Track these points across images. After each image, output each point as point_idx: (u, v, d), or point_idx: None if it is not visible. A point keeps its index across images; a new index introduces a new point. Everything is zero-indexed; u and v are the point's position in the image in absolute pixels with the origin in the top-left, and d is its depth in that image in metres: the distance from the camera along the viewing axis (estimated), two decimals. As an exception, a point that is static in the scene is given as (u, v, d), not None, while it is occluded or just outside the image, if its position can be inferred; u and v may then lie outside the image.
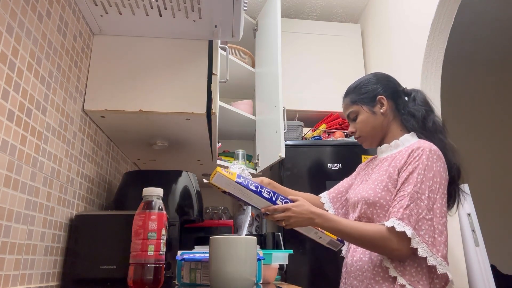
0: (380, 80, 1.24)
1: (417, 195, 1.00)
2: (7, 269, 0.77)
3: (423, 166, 1.02)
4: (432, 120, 1.14)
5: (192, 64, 1.24)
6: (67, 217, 1.04)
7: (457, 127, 3.30)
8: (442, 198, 1.01)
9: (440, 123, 1.15)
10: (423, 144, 1.07)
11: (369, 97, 1.21)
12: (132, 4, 1.10)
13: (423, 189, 1.00)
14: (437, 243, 0.97)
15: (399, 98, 1.22)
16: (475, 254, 1.59)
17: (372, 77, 1.26)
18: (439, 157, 1.05)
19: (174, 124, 1.28)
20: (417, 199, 0.99)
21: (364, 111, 1.21)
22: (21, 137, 0.81)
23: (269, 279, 1.20)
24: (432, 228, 0.98)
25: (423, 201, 0.99)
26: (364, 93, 1.22)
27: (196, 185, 1.35)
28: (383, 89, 1.22)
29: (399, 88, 1.25)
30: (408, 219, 0.97)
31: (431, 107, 1.19)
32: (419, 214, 0.98)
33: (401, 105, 1.21)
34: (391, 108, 1.21)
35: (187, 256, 0.97)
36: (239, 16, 1.15)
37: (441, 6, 1.71)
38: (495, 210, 3.14)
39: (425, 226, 0.97)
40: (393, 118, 1.21)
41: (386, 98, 1.20)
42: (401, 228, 0.96)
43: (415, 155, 1.05)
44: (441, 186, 1.02)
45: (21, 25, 0.81)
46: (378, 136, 1.21)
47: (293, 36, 2.52)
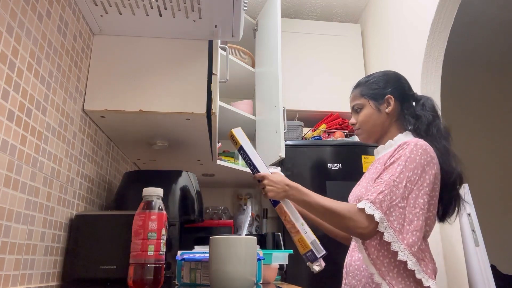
0: (392, 80, 1.25)
1: (393, 183, 1.01)
2: (7, 269, 0.77)
3: (405, 158, 1.04)
4: (437, 126, 1.15)
5: (192, 64, 1.24)
6: (67, 217, 1.04)
7: (457, 127, 3.29)
8: (420, 190, 1.02)
9: (444, 131, 1.16)
10: (410, 140, 1.09)
11: (379, 94, 1.22)
12: (132, 4, 1.10)
13: (401, 178, 1.01)
14: (404, 231, 0.98)
15: (406, 102, 1.23)
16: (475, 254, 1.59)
17: (385, 75, 1.26)
18: (425, 151, 1.05)
19: (174, 124, 1.28)
20: (392, 187, 1.01)
21: (370, 106, 1.22)
22: (21, 137, 0.81)
23: (269, 279, 1.20)
24: (403, 216, 0.99)
25: (398, 189, 1.00)
26: (375, 88, 1.23)
27: (196, 185, 1.35)
28: (393, 89, 1.22)
29: (409, 92, 1.25)
30: (380, 203, 0.99)
31: (438, 114, 1.19)
32: (392, 200, 0.99)
33: (407, 109, 1.21)
34: (396, 110, 1.21)
35: (187, 256, 0.97)
36: (239, 16, 1.15)
37: (441, 6, 1.71)
38: (495, 210, 3.14)
39: (396, 213, 0.99)
40: (396, 120, 1.22)
41: (395, 99, 1.21)
42: (371, 211, 0.98)
43: (399, 149, 1.08)
44: (421, 178, 1.02)
45: (21, 25, 0.81)
46: (376, 133, 1.23)
47: (293, 36, 2.52)
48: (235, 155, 2.15)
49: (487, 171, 3.30)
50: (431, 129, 1.14)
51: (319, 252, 1.09)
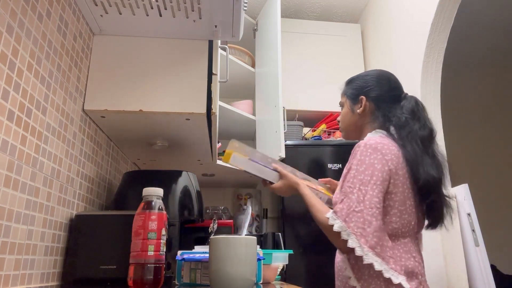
0: (372, 80, 1.23)
1: (349, 189, 1.03)
2: (7, 269, 0.77)
3: (356, 162, 1.06)
4: (409, 130, 1.11)
5: (192, 64, 1.24)
6: (67, 217, 1.04)
7: (457, 127, 3.30)
8: (373, 189, 1.02)
9: (418, 134, 1.11)
10: (361, 141, 1.10)
11: (354, 94, 1.24)
12: (132, 4, 1.10)
13: (354, 183, 1.03)
14: (365, 233, 0.97)
15: (385, 103, 1.20)
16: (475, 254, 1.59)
17: (367, 75, 1.26)
18: (375, 150, 1.06)
19: (174, 124, 1.28)
20: (348, 193, 1.03)
21: (347, 106, 1.27)
22: (21, 137, 0.81)
23: (269, 279, 1.20)
24: (362, 219, 0.99)
25: (353, 194, 1.02)
26: (354, 88, 1.25)
27: (196, 185, 1.35)
28: (370, 89, 1.22)
29: (389, 92, 1.21)
30: (340, 212, 1.01)
31: (416, 117, 1.15)
32: (350, 207, 1.00)
33: (384, 109, 1.19)
34: (370, 110, 1.21)
35: (187, 256, 0.97)
36: (239, 16, 1.15)
37: (441, 6, 1.71)
38: (495, 210, 3.14)
39: (355, 218, 0.99)
40: (370, 120, 1.21)
41: (367, 99, 1.21)
42: (332, 221, 1.01)
43: (353, 152, 1.09)
44: (373, 177, 1.03)
45: (21, 25, 0.81)
46: (352, 132, 1.27)
47: (293, 36, 2.52)
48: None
49: (487, 171, 3.30)
50: (402, 132, 1.12)
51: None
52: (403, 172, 1.07)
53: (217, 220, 1.28)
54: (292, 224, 2.00)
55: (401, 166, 1.07)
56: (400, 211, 1.06)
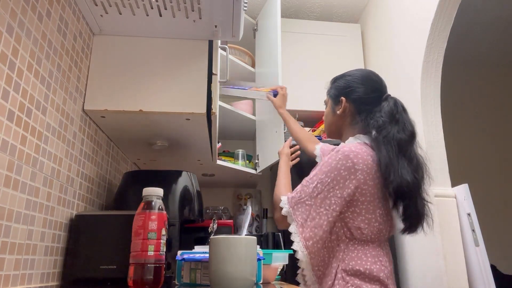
0: (355, 81, 1.22)
1: (306, 183, 1.11)
2: (7, 269, 0.77)
3: (323, 162, 1.11)
4: (385, 133, 1.09)
5: (192, 64, 1.24)
6: (67, 217, 1.04)
7: (456, 127, 3.30)
8: (329, 191, 1.06)
9: (394, 137, 1.08)
10: (340, 147, 1.11)
11: (336, 94, 1.25)
12: (132, 4, 1.10)
13: (313, 180, 1.09)
14: (305, 226, 1.05)
15: (365, 104, 1.18)
16: (475, 254, 1.59)
17: (351, 75, 1.25)
18: (346, 157, 1.06)
19: (174, 124, 1.28)
20: (304, 187, 1.10)
21: (329, 106, 1.29)
22: (21, 137, 0.81)
23: (269, 279, 1.20)
24: (308, 212, 1.06)
25: (308, 188, 1.09)
26: (336, 88, 1.26)
27: (196, 185, 1.35)
28: (351, 91, 1.21)
29: (371, 94, 1.20)
30: (291, 199, 1.11)
31: (395, 119, 1.13)
32: (301, 198, 1.09)
33: (363, 112, 1.18)
34: (350, 112, 1.21)
35: (187, 256, 0.97)
36: (239, 16, 1.15)
37: (441, 6, 1.71)
38: (495, 210, 3.14)
39: (302, 209, 1.07)
40: (351, 122, 1.21)
41: (347, 101, 1.21)
42: (282, 204, 1.12)
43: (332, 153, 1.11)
44: (333, 180, 1.06)
45: (21, 25, 0.81)
46: (332, 132, 1.30)
47: (293, 36, 2.52)
48: (235, 155, 2.15)
49: (487, 171, 3.29)
50: (379, 135, 1.11)
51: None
52: (375, 183, 1.06)
53: (217, 220, 1.28)
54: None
55: (372, 176, 1.06)
56: (369, 219, 1.06)
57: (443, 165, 1.76)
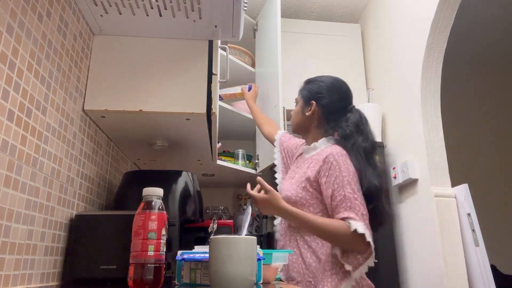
0: (324, 88, 1.33)
1: (351, 195, 1.11)
2: (7, 269, 0.77)
3: (343, 169, 1.14)
4: (353, 141, 1.21)
5: (192, 64, 1.24)
6: (67, 217, 1.04)
7: (457, 127, 3.30)
8: (359, 191, 1.14)
9: (361, 146, 1.20)
10: (333, 150, 1.18)
11: (308, 96, 1.34)
12: (132, 4, 1.10)
13: (354, 189, 1.12)
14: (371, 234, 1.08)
15: (332, 113, 1.29)
16: (475, 254, 1.59)
17: (321, 82, 1.35)
18: (347, 156, 1.18)
19: (174, 124, 1.28)
20: (352, 199, 1.11)
21: (299, 105, 1.37)
22: (21, 137, 0.81)
23: (269, 279, 1.20)
24: (367, 222, 1.10)
25: (357, 200, 1.11)
26: (308, 90, 1.35)
27: (196, 185, 1.35)
28: (321, 97, 1.31)
29: (339, 103, 1.30)
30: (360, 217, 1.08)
31: (360, 130, 1.24)
32: (361, 212, 1.10)
33: (331, 119, 1.29)
34: (318, 116, 1.31)
35: (187, 256, 0.97)
36: (239, 16, 1.15)
37: (441, 6, 1.71)
38: (495, 210, 3.14)
39: (367, 222, 1.10)
40: (317, 125, 1.32)
41: (317, 105, 1.31)
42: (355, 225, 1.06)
43: (331, 160, 1.16)
44: (357, 182, 1.15)
45: (21, 25, 0.81)
46: (298, 130, 1.38)
47: (293, 36, 2.52)
48: (235, 155, 2.15)
49: (487, 171, 3.30)
50: (347, 143, 1.22)
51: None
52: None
53: (217, 220, 1.28)
54: (292, 224, 1.99)
55: None
56: None
57: (443, 165, 1.76)
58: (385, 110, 2.22)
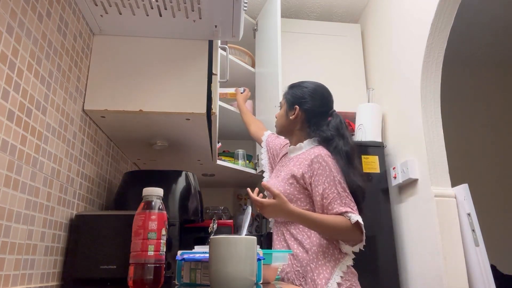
0: (307, 94, 1.40)
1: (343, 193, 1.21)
2: (7, 269, 0.77)
3: (334, 170, 1.23)
4: (335, 145, 1.29)
5: (192, 64, 1.24)
6: (67, 217, 1.04)
7: (456, 127, 3.30)
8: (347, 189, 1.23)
9: (343, 149, 1.28)
10: (320, 151, 1.26)
11: (292, 101, 1.41)
12: (132, 4, 1.10)
13: (344, 188, 1.22)
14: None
15: (315, 117, 1.37)
16: (475, 254, 1.59)
17: (305, 88, 1.42)
18: (334, 158, 1.26)
19: (174, 124, 1.28)
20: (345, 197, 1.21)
21: (283, 109, 1.44)
22: (21, 137, 0.81)
23: (269, 279, 1.20)
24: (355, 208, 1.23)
25: (347, 197, 1.22)
26: (293, 96, 1.42)
27: (196, 185, 1.35)
28: (304, 102, 1.38)
29: (320, 108, 1.39)
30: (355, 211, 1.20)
31: (340, 133, 1.32)
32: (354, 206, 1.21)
33: (313, 123, 1.36)
34: (301, 120, 1.39)
35: (187, 256, 0.97)
36: (239, 16, 1.15)
37: (441, 6, 1.71)
38: (495, 210, 3.14)
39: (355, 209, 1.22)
40: (300, 128, 1.39)
41: (300, 110, 1.38)
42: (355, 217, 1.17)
43: (320, 160, 1.24)
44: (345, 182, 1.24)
45: (21, 25, 0.81)
46: (284, 132, 1.46)
47: (293, 36, 2.52)
48: (235, 155, 2.15)
49: (487, 171, 3.29)
50: (329, 146, 1.30)
51: None
52: None
53: (217, 220, 1.29)
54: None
55: None
56: None
57: (443, 165, 1.76)
58: (385, 110, 2.22)
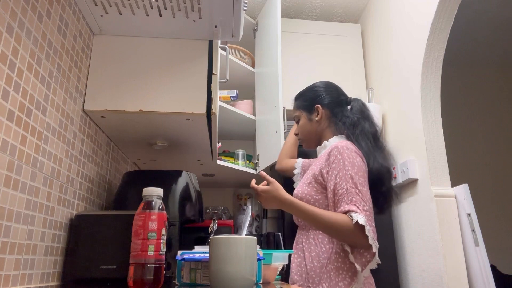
0: (320, 90, 1.38)
1: (352, 190, 1.10)
2: (7, 269, 0.77)
3: (347, 163, 1.14)
4: (361, 127, 1.25)
5: (192, 64, 1.24)
6: (67, 217, 1.04)
7: (456, 127, 3.30)
8: (368, 189, 1.14)
9: (369, 131, 1.25)
10: (339, 144, 1.19)
11: (309, 105, 1.38)
12: (132, 4, 1.10)
13: (355, 184, 1.11)
14: (374, 231, 1.09)
15: (337, 107, 1.34)
16: (475, 254, 1.59)
17: (314, 87, 1.41)
18: (355, 152, 1.18)
19: (174, 124, 1.28)
20: (353, 194, 1.10)
21: (304, 117, 1.39)
22: (21, 137, 0.81)
23: (269, 279, 1.20)
24: (371, 218, 1.10)
25: (358, 195, 1.10)
26: (306, 100, 1.39)
27: (196, 185, 1.35)
28: (322, 98, 1.36)
29: (338, 98, 1.37)
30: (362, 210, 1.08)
31: (365, 115, 1.30)
32: (363, 206, 1.09)
33: (338, 114, 1.33)
34: (326, 116, 1.35)
35: (187, 256, 0.97)
36: (239, 16, 1.15)
37: (441, 6, 1.71)
38: (495, 210, 3.14)
39: (370, 218, 1.09)
40: (328, 125, 1.35)
41: (322, 107, 1.35)
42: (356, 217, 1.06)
43: (335, 153, 1.17)
44: (364, 178, 1.15)
45: (21, 25, 0.81)
46: (312, 140, 1.38)
47: (293, 36, 2.52)
48: (235, 155, 2.15)
49: (487, 171, 3.30)
50: (355, 130, 1.25)
51: None
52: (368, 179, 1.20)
53: (217, 220, 1.28)
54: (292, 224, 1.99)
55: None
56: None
57: (443, 165, 1.76)
58: (385, 110, 2.22)
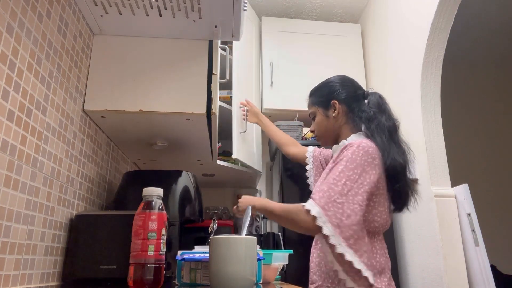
0: (336, 85, 1.32)
1: (333, 181, 1.06)
2: (7, 269, 0.77)
3: (346, 159, 1.09)
4: (377, 122, 1.19)
5: (192, 64, 1.24)
6: (67, 217, 1.04)
7: (456, 127, 3.30)
8: (359, 188, 1.05)
9: (385, 125, 1.19)
10: (353, 141, 1.13)
11: (325, 101, 1.31)
12: (132, 4, 1.10)
13: (340, 177, 1.06)
14: (342, 225, 1.00)
15: (354, 102, 1.28)
16: (475, 254, 1.59)
17: (329, 82, 1.35)
18: (366, 152, 1.10)
19: (174, 124, 1.28)
20: (332, 185, 1.05)
21: (320, 113, 1.33)
22: (21, 137, 0.81)
23: (269, 279, 1.20)
24: (341, 211, 1.01)
25: (338, 187, 1.04)
26: (322, 96, 1.33)
27: (196, 185, 1.35)
28: (338, 93, 1.30)
29: (355, 92, 1.30)
30: (319, 200, 1.03)
31: (382, 109, 1.23)
32: (331, 197, 1.03)
33: (355, 109, 1.26)
34: (343, 112, 1.28)
35: (187, 256, 0.97)
36: (239, 16, 1.15)
37: (441, 6, 1.71)
38: (495, 210, 3.14)
39: (334, 209, 1.01)
40: (345, 121, 1.28)
41: (339, 103, 1.28)
42: (309, 206, 1.02)
43: (344, 151, 1.12)
44: (361, 177, 1.07)
45: (21, 25, 0.81)
46: (330, 137, 1.31)
47: (293, 36, 2.52)
48: (235, 155, 2.15)
49: (487, 170, 3.29)
50: (371, 124, 1.19)
51: None
52: (384, 176, 1.13)
53: (217, 220, 1.28)
54: (292, 224, 1.99)
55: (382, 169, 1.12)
56: (381, 212, 1.12)
57: (443, 165, 1.76)
58: (385, 110, 2.22)
